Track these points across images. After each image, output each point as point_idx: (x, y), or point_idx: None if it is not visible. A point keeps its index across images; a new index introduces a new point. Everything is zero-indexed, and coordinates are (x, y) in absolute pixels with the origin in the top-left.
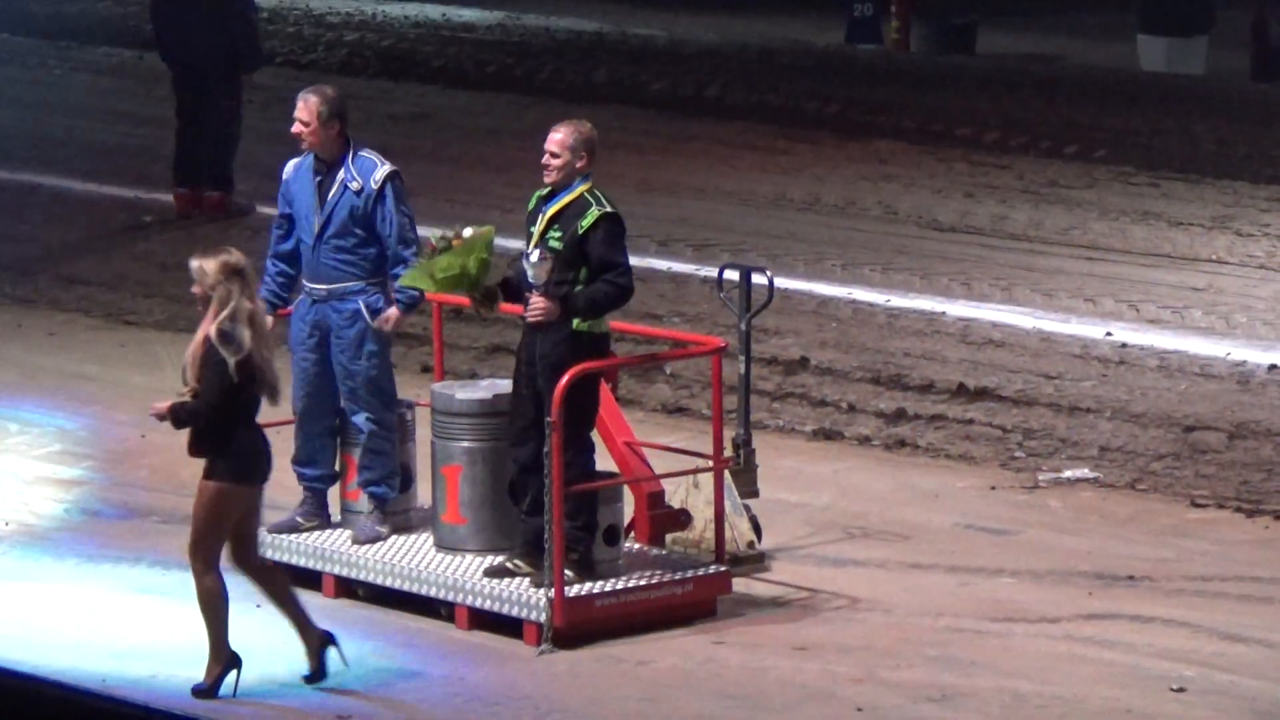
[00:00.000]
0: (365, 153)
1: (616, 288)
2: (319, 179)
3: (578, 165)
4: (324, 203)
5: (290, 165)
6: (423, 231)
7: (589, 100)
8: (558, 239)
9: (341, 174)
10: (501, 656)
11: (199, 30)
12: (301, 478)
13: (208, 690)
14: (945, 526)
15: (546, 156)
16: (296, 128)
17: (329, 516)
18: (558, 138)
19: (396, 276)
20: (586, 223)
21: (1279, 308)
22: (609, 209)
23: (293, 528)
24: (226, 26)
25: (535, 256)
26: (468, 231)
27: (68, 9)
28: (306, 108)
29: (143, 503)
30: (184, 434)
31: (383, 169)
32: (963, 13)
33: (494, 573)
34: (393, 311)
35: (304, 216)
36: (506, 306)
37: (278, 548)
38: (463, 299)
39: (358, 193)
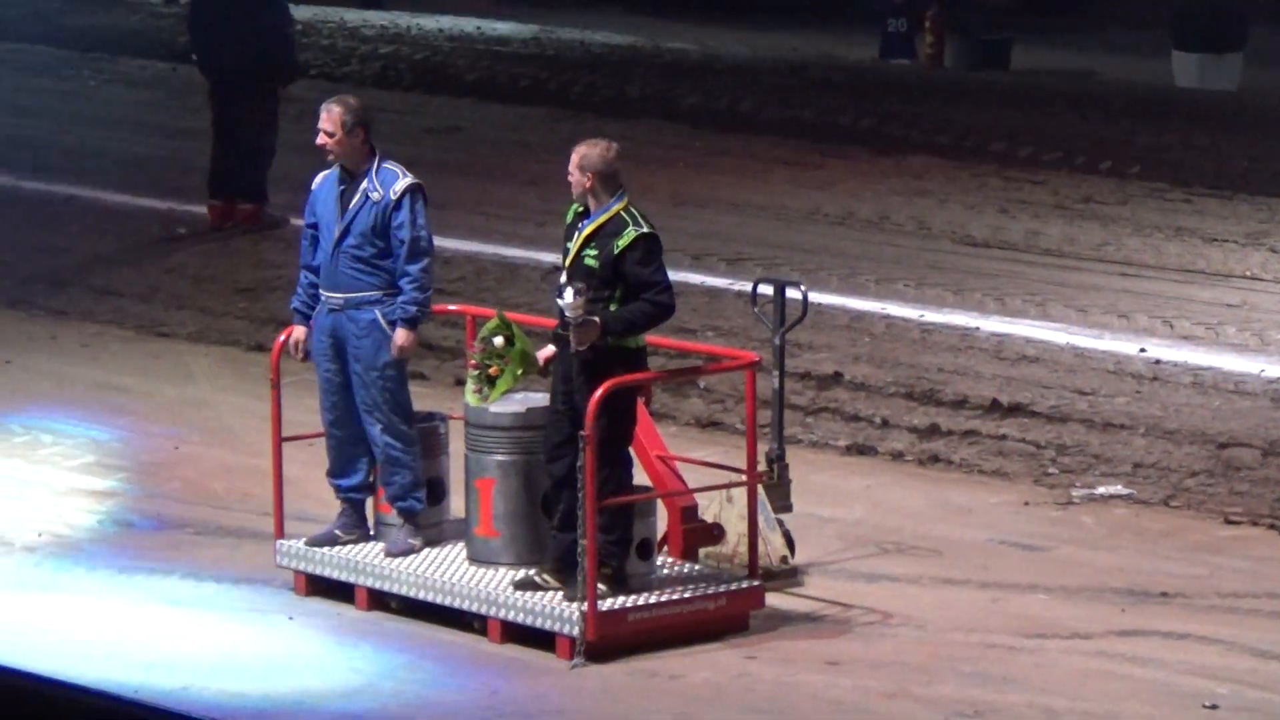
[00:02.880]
0: (390, 164)
1: (655, 306)
2: (342, 188)
3: (586, 184)
4: (345, 211)
5: (319, 177)
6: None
7: (622, 114)
8: (594, 257)
9: (364, 184)
10: (534, 670)
11: (234, 42)
12: (337, 490)
13: None
14: (978, 542)
15: (568, 172)
16: (321, 138)
17: (368, 529)
18: (573, 157)
19: (400, 290)
20: (623, 243)
21: None
22: (645, 229)
23: (332, 540)
24: (261, 38)
25: (569, 295)
26: (498, 341)
27: (101, 21)
28: (330, 117)
29: (175, 514)
30: (218, 447)
31: (404, 180)
32: (997, 28)
33: (522, 585)
34: (399, 335)
35: (326, 225)
36: (546, 321)
37: (311, 560)
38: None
39: (378, 203)
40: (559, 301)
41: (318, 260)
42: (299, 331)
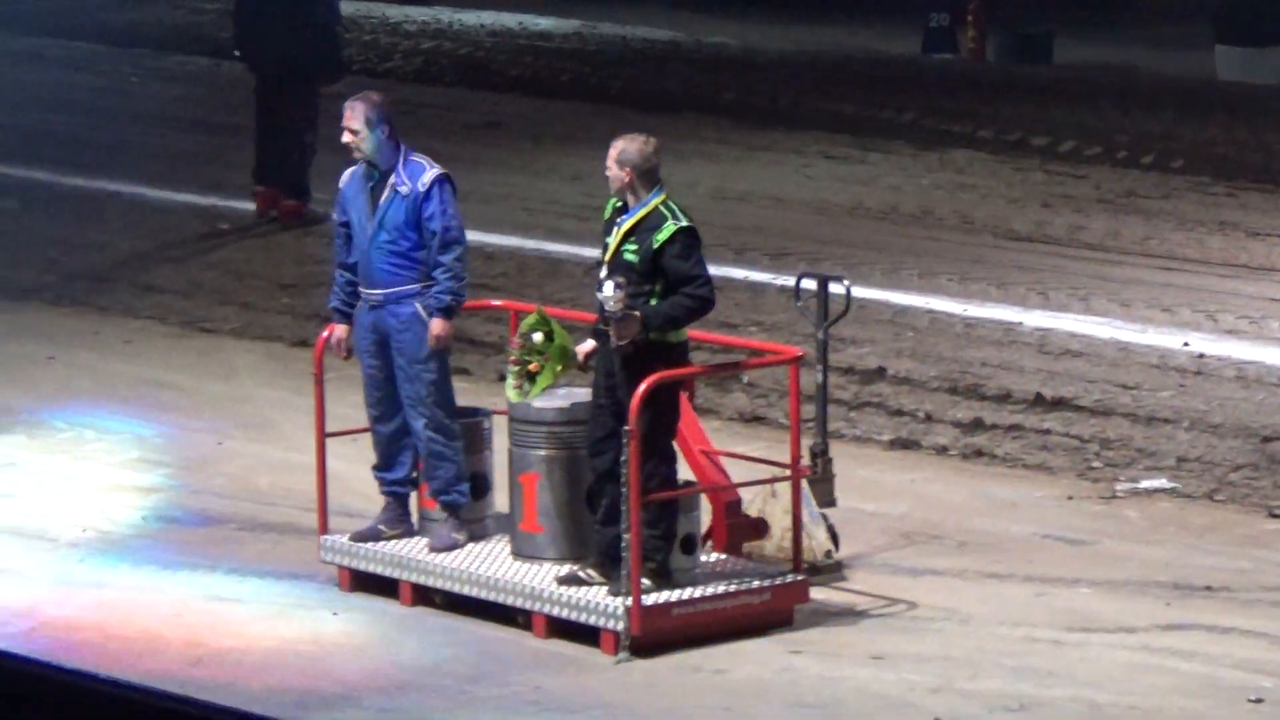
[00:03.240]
0: (416, 157)
1: (695, 299)
2: (371, 185)
3: (625, 179)
4: (376, 208)
5: (346, 175)
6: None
7: (663, 109)
8: (633, 252)
9: (393, 179)
10: (579, 665)
11: (283, 38)
12: (382, 483)
13: None
14: (1022, 536)
15: (606, 167)
16: (346, 136)
17: (412, 525)
18: (611, 152)
19: (434, 280)
20: (662, 237)
21: None
22: (684, 223)
23: (375, 536)
24: (311, 35)
25: (609, 289)
26: (537, 337)
27: (142, 17)
28: (354, 115)
29: (219, 510)
30: (261, 443)
31: (431, 171)
32: (1039, 22)
33: (566, 581)
34: (435, 324)
35: (359, 223)
36: (587, 316)
37: (356, 555)
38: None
39: (407, 196)
40: (599, 296)
41: (353, 258)
42: (340, 330)
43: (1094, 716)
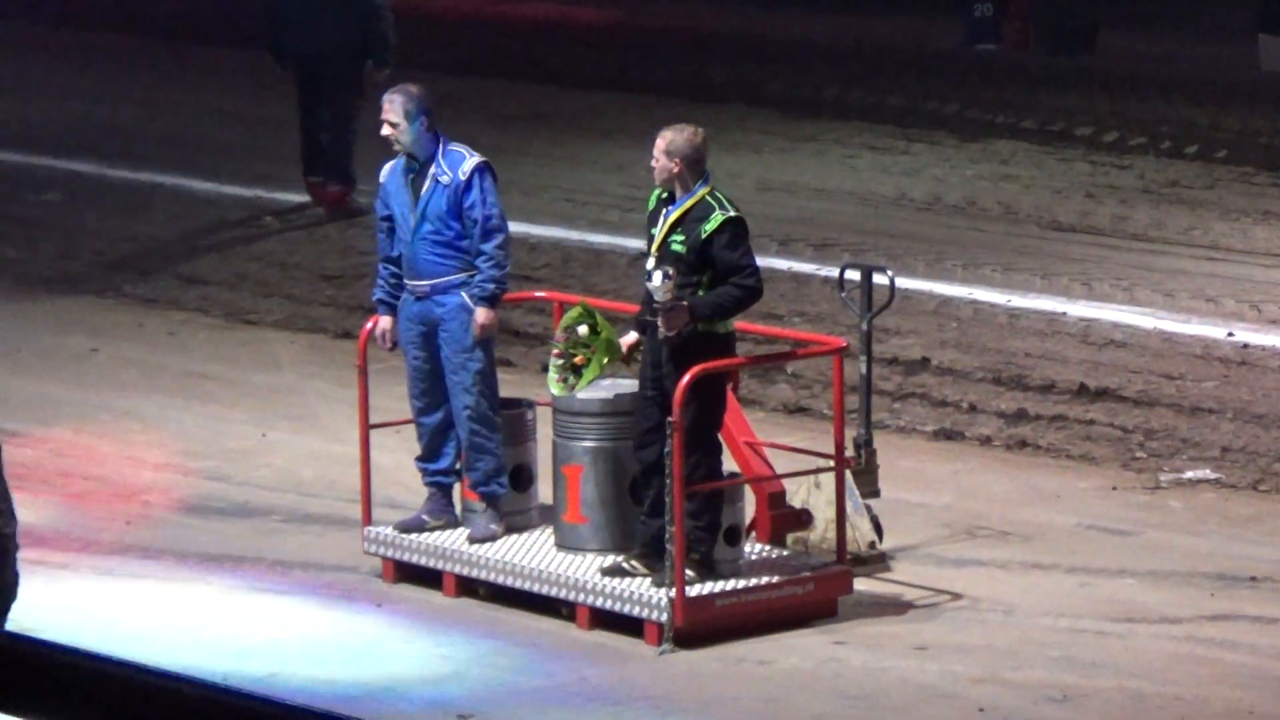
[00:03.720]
0: (455, 146)
1: (743, 289)
2: (412, 177)
3: (674, 170)
4: (418, 199)
5: (386, 168)
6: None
7: (707, 100)
8: (680, 243)
9: (433, 169)
10: (622, 656)
11: (328, 24)
12: (425, 473)
13: None
14: (1066, 527)
15: (652, 158)
16: (386, 129)
17: (455, 516)
18: (658, 143)
19: (477, 268)
20: (710, 227)
21: None
22: (732, 213)
23: (420, 526)
24: (361, 22)
25: (658, 279)
26: (582, 330)
27: (185, 8)
28: (393, 108)
29: (263, 502)
30: (305, 434)
31: (471, 160)
32: (1083, 13)
33: (610, 572)
34: (479, 313)
35: (401, 216)
36: (629, 307)
37: (400, 546)
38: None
39: (448, 185)
40: (648, 286)
41: (397, 250)
42: (385, 322)
43: (1138, 707)
